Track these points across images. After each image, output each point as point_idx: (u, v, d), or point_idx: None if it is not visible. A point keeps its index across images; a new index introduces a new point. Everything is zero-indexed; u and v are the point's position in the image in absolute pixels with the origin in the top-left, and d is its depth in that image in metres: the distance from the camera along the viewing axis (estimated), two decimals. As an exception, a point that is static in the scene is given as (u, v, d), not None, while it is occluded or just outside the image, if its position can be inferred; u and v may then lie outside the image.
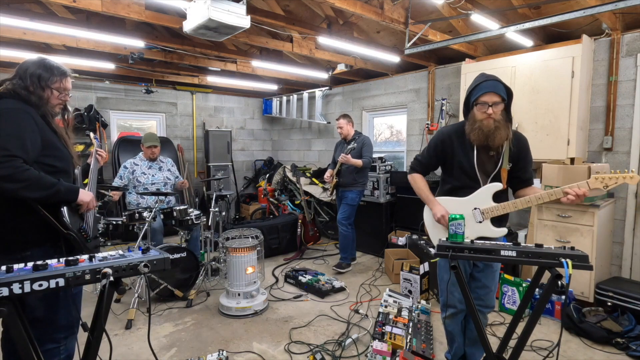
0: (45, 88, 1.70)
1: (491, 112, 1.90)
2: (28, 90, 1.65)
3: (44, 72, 1.69)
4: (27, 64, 1.70)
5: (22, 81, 1.65)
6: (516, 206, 1.96)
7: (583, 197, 1.82)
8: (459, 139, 2.07)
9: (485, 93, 1.92)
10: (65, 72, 1.77)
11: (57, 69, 1.75)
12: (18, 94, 1.62)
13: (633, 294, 2.95)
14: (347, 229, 4.32)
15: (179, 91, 6.88)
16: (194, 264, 3.57)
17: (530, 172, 2.09)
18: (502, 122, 1.93)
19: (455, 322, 2.24)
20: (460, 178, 2.08)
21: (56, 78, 1.73)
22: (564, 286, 1.53)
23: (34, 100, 1.65)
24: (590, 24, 3.59)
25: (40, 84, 1.68)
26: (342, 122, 4.35)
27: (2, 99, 1.59)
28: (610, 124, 3.57)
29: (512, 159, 2.01)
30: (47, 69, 1.71)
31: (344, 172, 4.26)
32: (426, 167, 2.24)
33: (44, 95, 1.69)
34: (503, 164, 2.00)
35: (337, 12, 4.31)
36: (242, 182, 7.78)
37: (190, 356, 2.59)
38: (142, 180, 3.87)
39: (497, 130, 1.91)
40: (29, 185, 1.48)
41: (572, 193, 1.81)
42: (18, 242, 1.59)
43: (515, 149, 2.01)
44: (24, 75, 1.67)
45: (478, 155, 2.02)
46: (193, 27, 2.74)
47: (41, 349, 1.55)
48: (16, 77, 1.67)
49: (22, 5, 4.00)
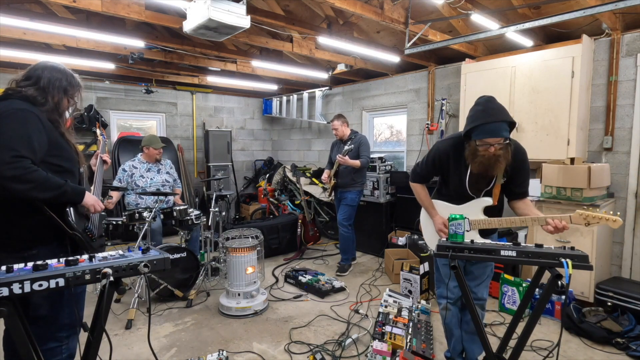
0: (67, 99, 1.76)
1: (494, 150, 1.88)
2: (46, 99, 1.67)
3: (69, 86, 1.76)
4: (50, 73, 1.71)
5: (43, 91, 1.67)
6: (501, 224, 2.00)
7: (562, 230, 1.82)
8: (455, 155, 2.09)
9: (489, 137, 1.88)
10: (80, 84, 1.84)
11: (77, 82, 1.81)
12: (35, 98, 1.63)
13: (633, 294, 2.95)
14: (348, 230, 4.30)
15: (179, 91, 6.88)
16: (194, 264, 3.57)
17: (524, 185, 2.07)
18: (505, 152, 1.90)
19: (452, 314, 2.29)
20: (454, 190, 2.16)
21: (76, 89, 1.80)
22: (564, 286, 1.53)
23: (49, 107, 1.67)
24: (590, 24, 3.59)
25: (66, 96, 1.75)
26: (336, 123, 4.31)
27: (8, 100, 1.60)
28: (610, 124, 3.57)
29: (507, 173, 2.02)
30: (71, 82, 1.77)
31: (342, 173, 4.23)
32: (424, 178, 2.32)
33: (62, 104, 1.74)
34: (497, 181, 2.03)
35: (337, 12, 4.31)
36: (242, 182, 7.78)
37: (190, 356, 2.60)
38: (141, 184, 3.87)
39: (497, 162, 1.90)
40: (38, 186, 1.49)
41: (552, 224, 1.83)
42: (26, 239, 1.60)
43: (512, 163, 1.97)
44: (48, 85, 1.68)
45: (471, 174, 2.05)
46: (193, 27, 2.74)
47: (43, 348, 1.56)
48: (37, 84, 1.67)
49: (22, 5, 4.00)
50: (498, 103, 1.96)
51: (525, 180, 2.07)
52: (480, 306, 2.24)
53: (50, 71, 1.72)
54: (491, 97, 2.00)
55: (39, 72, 1.70)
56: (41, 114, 1.62)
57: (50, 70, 1.72)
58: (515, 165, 1.99)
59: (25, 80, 1.68)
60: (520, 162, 2.01)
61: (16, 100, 1.59)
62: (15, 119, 1.53)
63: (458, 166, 2.08)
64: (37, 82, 1.67)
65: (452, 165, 2.11)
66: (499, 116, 1.88)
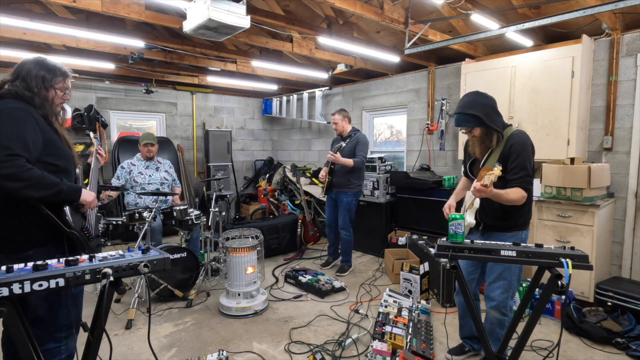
0: (49, 89, 1.71)
1: (470, 137, 2.24)
2: (32, 92, 1.65)
3: (46, 73, 1.70)
4: (27, 66, 1.70)
5: (25, 83, 1.65)
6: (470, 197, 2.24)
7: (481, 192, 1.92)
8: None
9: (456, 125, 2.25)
10: (66, 72, 1.79)
11: (58, 69, 1.76)
12: (21, 95, 1.62)
13: (633, 294, 2.95)
14: (348, 233, 4.25)
15: (179, 91, 6.88)
16: (194, 264, 3.57)
17: (513, 173, 2.07)
18: (482, 139, 2.17)
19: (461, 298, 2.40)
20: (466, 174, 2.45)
21: (59, 78, 1.75)
22: (564, 286, 1.54)
23: (38, 101, 1.66)
24: (590, 24, 3.59)
25: (45, 85, 1.69)
26: (337, 117, 4.16)
27: (2, 99, 1.59)
28: (610, 124, 3.57)
29: (502, 160, 2.11)
30: (50, 70, 1.72)
31: (337, 172, 4.08)
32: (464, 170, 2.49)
33: (48, 96, 1.71)
34: (485, 165, 2.18)
35: (337, 12, 4.31)
36: (242, 182, 7.78)
37: (190, 356, 2.59)
38: (139, 180, 3.87)
39: (475, 146, 2.22)
40: (32, 185, 1.48)
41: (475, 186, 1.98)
42: (21, 241, 1.59)
43: (504, 152, 2.12)
44: (26, 76, 1.66)
45: (472, 161, 2.35)
46: (193, 27, 2.74)
47: (42, 348, 1.56)
48: (18, 79, 1.66)
49: (22, 5, 4.00)
50: (471, 96, 2.18)
51: (514, 168, 2.07)
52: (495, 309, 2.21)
53: (29, 64, 1.70)
54: (470, 92, 2.23)
55: (19, 67, 1.69)
56: (36, 113, 1.61)
57: (29, 64, 1.70)
58: (505, 152, 2.11)
59: (13, 79, 1.67)
60: (508, 149, 2.10)
61: (11, 100, 1.59)
62: (9, 118, 1.52)
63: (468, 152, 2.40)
64: (18, 78, 1.66)
65: (467, 152, 2.42)
66: (460, 108, 2.17)
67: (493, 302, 2.21)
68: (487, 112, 2.10)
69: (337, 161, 3.90)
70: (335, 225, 4.34)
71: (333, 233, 4.41)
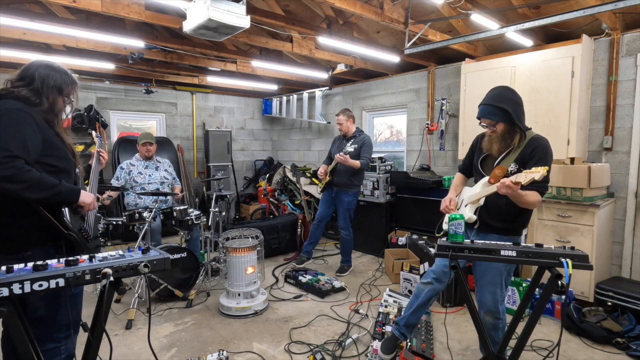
0: (60, 97, 1.73)
1: (490, 132, 2.11)
2: (42, 99, 1.64)
3: (63, 85, 1.72)
4: (43, 72, 1.68)
5: (39, 90, 1.64)
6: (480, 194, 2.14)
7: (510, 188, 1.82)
8: (481, 138, 2.30)
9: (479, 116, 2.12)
10: (75, 81, 1.81)
11: (71, 79, 1.77)
12: (28, 99, 1.61)
13: (633, 294, 2.95)
14: (348, 232, 4.26)
15: (179, 91, 6.88)
16: (194, 264, 3.57)
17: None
18: (504, 135, 2.07)
19: (423, 289, 2.34)
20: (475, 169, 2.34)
21: (71, 87, 1.77)
22: (564, 286, 1.53)
23: (45, 107, 1.65)
24: (590, 23, 3.59)
25: (61, 94, 1.72)
26: (341, 118, 4.13)
27: (2, 100, 1.58)
28: (610, 124, 3.57)
29: (519, 162, 2.04)
30: (65, 81, 1.73)
31: (340, 172, 4.09)
32: (463, 166, 2.47)
33: (57, 103, 1.71)
34: (500, 164, 2.10)
35: (337, 12, 4.31)
36: (242, 182, 7.78)
37: (190, 356, 2.59)
38: (139, 180, 3.86)
39: (494, 143, 2.11)
40: (31, 186, 1.48)
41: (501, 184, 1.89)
42: (19, 242, 1.59)
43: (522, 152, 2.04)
44: (41, 85, 1.65)
45: (484, 157, 2.25)
46: (193, 27, 2.74)
47: (42, 349, 1.56)
48: (31, 85, 1.64)
49: (22, 5, 4.00)
50: (502, 90, 2.09)
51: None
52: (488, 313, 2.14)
53: (44, 70, 1.68)
54: (500, 86, 2.14)
55: (32, 71, 1.67)
56: (36, 114, 1.60)
57: (43, 69, 1.68)
58: (525, 154, 2.04)
59: (19, 80, 1.65)
60: (531, 151, 2.03)
61: (10, 100, 1.58)
62: (8, 119, 1.51)
63: (480, 148, 2.29)
64: (31, 83, 1.64)
65: (478, 148, 2.32)
66: (489, 100, 2.06)
67: (485, 307, 2.16)
68: (516, 110, 2.03)
69: (346, 162, 3.87)
70: (325, 221, 4.36)
71: (320, 230, 4.39)
